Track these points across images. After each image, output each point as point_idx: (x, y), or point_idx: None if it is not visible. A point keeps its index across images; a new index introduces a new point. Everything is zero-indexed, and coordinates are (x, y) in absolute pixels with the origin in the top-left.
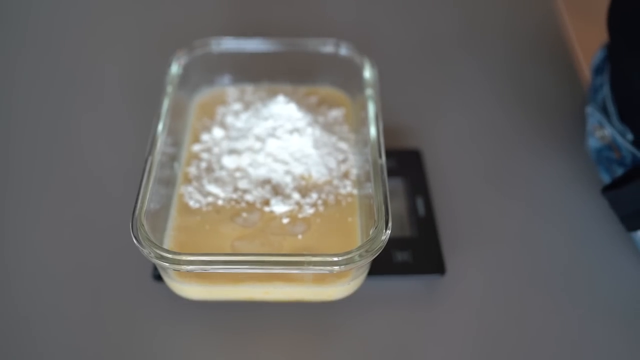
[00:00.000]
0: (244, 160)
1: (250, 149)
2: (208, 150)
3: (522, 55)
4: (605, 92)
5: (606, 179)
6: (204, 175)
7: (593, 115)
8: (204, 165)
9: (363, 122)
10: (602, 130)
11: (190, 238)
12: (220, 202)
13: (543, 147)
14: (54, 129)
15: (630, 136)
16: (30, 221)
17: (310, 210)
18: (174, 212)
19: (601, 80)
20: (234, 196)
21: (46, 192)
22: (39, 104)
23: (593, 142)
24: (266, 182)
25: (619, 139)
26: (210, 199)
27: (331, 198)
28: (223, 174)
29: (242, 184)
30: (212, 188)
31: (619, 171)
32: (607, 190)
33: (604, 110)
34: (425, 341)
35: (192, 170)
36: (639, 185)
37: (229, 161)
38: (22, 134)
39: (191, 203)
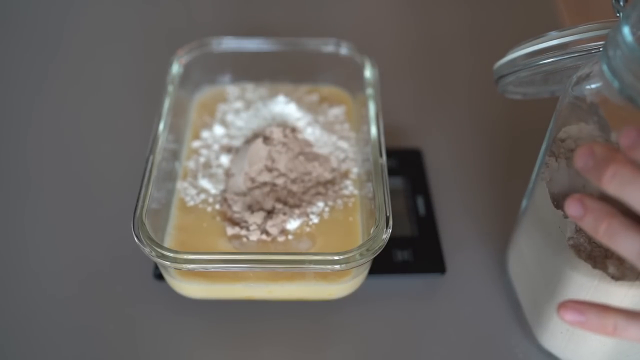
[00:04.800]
0: None
1: None
2: (207, 147)
3: None
4: None
5: None
6: (200, 169)
7: None
8: (202, 160)
9: (364, 120)
10: None
11: (192, 236)
12: (217, 207)
13: None
14: (56, 127)
15: None
16: (32, 219)
17: (313, 210)
18: (175, 210)
19: None
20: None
21: (47, 191)
22: (41, 103)
23: None
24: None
25: None
26: (203, 195)
27: (332, 200)
28: (219, 171)
29: None
30: (205, 183)
31: None
32: None
33: None
34: (425, 339)
35: (191, 165)
36: None
37: (226, 159)
38: (25, 133)
39: (187, 199)
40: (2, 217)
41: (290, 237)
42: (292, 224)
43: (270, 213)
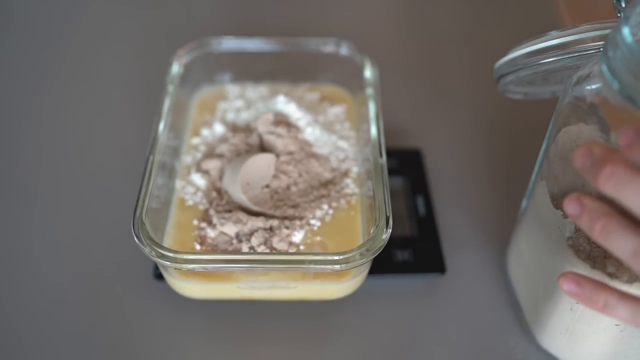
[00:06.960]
0: None
1: None
2: (207, 144)
3: None
4: None
5: None
6: (195, 165)
7: None
8: (199, 155)
9: (364, 119)
10: None
11: (191, 236)
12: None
13: None
14: (56, 127)
15: None
16: (32, 219)
17: (315, 212)
18: (174, 209)
19: None
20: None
21: (47, 191)
22: (41, 103)
23: None
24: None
25: None
26: (200, 194)
27: (335, 201)
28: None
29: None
30: (197, 179)
31: None
32: None
33: None
34: (425, 339)
35: (188, 161)
36: None
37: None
38: (25, 133)
39: (186, 198)
40: (2, 218)
41: (302, 247)
42: (297, 236)
43: (271, 230)
